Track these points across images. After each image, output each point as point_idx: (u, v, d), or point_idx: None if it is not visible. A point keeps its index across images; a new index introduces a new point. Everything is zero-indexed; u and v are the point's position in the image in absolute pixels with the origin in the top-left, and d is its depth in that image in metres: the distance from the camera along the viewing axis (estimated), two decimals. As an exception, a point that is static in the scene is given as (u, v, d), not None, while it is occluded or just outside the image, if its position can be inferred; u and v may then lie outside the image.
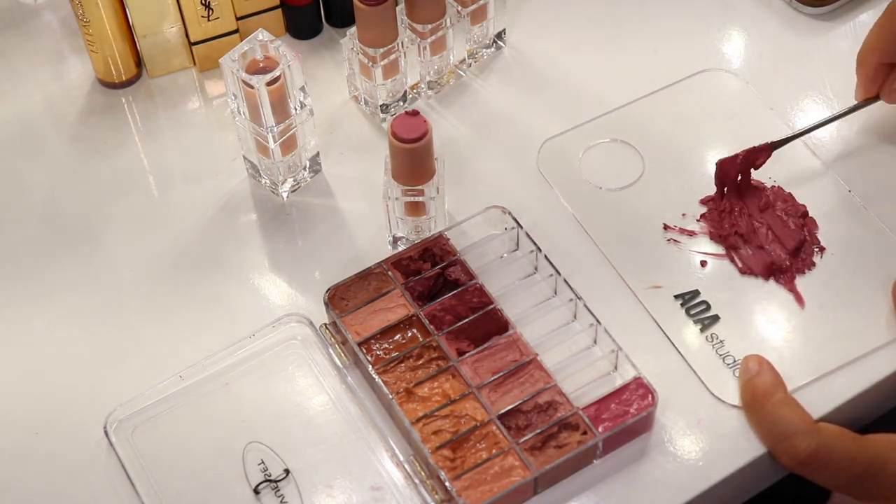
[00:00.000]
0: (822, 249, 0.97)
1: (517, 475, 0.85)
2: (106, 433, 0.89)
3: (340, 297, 0.94)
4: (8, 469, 0.90)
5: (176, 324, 0.97)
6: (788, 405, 0.87)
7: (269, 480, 0.88)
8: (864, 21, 1.12)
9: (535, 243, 0.96)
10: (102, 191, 1.05)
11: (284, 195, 1.04)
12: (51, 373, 0.95)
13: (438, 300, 0.93)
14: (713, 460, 0.88)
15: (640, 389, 0.88)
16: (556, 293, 0.95)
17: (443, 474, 0.85)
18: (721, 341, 0.93)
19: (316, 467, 0.88)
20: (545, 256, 0.95)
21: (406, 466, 0.87)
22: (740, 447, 0.88)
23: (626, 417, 0.87)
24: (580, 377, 0.90)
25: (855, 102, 1.03)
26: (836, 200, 1.00)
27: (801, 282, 0.96)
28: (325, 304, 0.93)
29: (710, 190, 1.01)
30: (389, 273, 0.95)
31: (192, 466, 0.89)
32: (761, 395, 0.88)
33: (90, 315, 0.98)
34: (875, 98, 1.02)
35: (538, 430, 0.87)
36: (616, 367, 0.91)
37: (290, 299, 0.98)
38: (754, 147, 0.99)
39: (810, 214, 0.99)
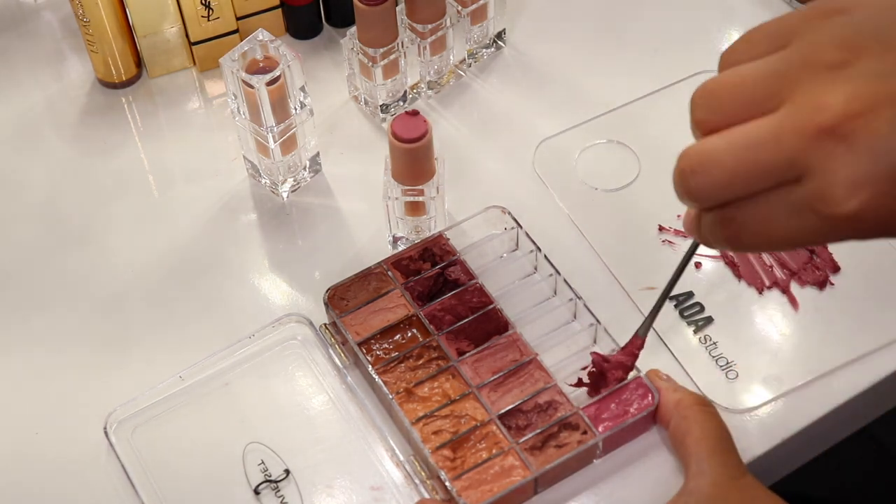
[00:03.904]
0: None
1: (517, 475, 0.85)
2: (106, 434, 0.89)
3: (340, 298, 0.94)
4: (8, 470, 0.90)
5: (176, 324, 0.97)
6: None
7: (270, 481, 0.88)
8: (864, 21, 1.12)
9: (534, 243, 0.96)
10: (102, 191, 1.06)
11: (284, 195, 1.04)
12: (50, 373, 0.95)
13: (438, 300, 0.93)
14: (713, 460, 0.88)
15: (639, 389, 0.88)
16: (555, 293, 0.95)
17: (443, 474, 0.85)
18: (714, 343, 0.93)
19: (316, 467, 0.88)
20: (545, 256, 0.95)
21: (406, 466, 0.87)
22: (739, 447, 0.87)
23: (626, 417, 0.87)
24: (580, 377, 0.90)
25: None
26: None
27: (795, 285, 0.96)
28: (325, 304, 0.93)
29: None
30: (389, 273, 0.95)
31: (193, 467, 0.89)
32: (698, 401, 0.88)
33: (90, 315, 0.98)
34: None
35: (538, 430, 0.87)
36: (616, 367, 0.91)
37: (290, 299, 0.98)
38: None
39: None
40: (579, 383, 0.89)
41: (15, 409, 0.93)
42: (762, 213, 0.60)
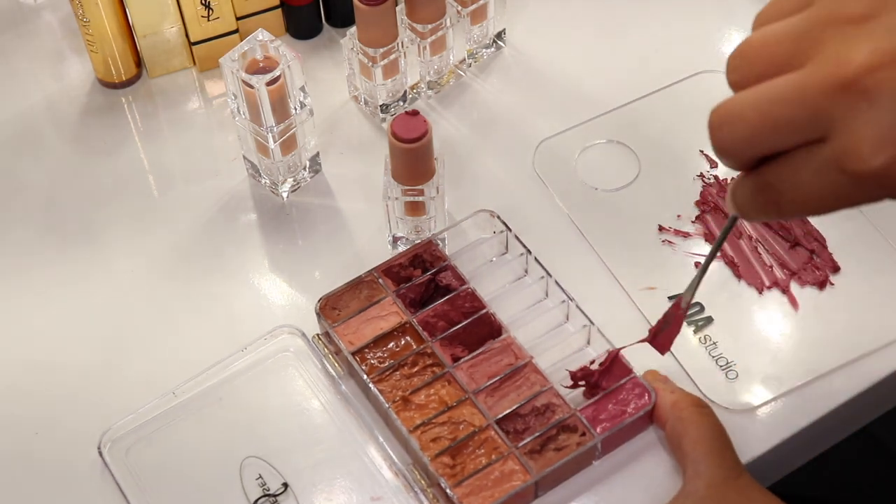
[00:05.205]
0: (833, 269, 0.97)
1: (518, 479, 0.85)
2: (100, 453, 0.89)
3: (332, 307, 0.93)
4: (1, 492, 0.90)
5: (175, 325, 0.97)
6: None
7: (268, 495, 0.87)
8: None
9: (524, 246, 0.96)
10: (102, 191, 1.06)
11: (284, 195, 1.04)
12: (49, 377, 0.95)
13: (431, 306, 0.93)
14: (711, 461, 0.88)
15: (636, 389, 0.88)
16: (547, 295, 0.95)
17: (443, 482, 0.85)
18: (714, 343, 0.93)
19: (314, 480, 0.88)
20: (535, 259, 0.95)
21: (405, 475, 0.87)
22: (739, 447, 0.87)
23: (624, 417, 0.87)
24: (577, 379, 0.90)
25: None
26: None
27: (795, 285, 0.95)
28: (317, 314, 0.93)
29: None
30: (380, 281, 0.95)
31: (190, 483, 0.89)
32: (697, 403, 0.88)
33: (89, 319, 0.98)
34: None
35: (537, 434, 0.87)
36: (612, 368, 0.91)
37: (290, 299, 0.98)
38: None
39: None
40: (575, 385, 0.89)
41: (8, 421, 0.93)
42: (792, 175, 0.60)
